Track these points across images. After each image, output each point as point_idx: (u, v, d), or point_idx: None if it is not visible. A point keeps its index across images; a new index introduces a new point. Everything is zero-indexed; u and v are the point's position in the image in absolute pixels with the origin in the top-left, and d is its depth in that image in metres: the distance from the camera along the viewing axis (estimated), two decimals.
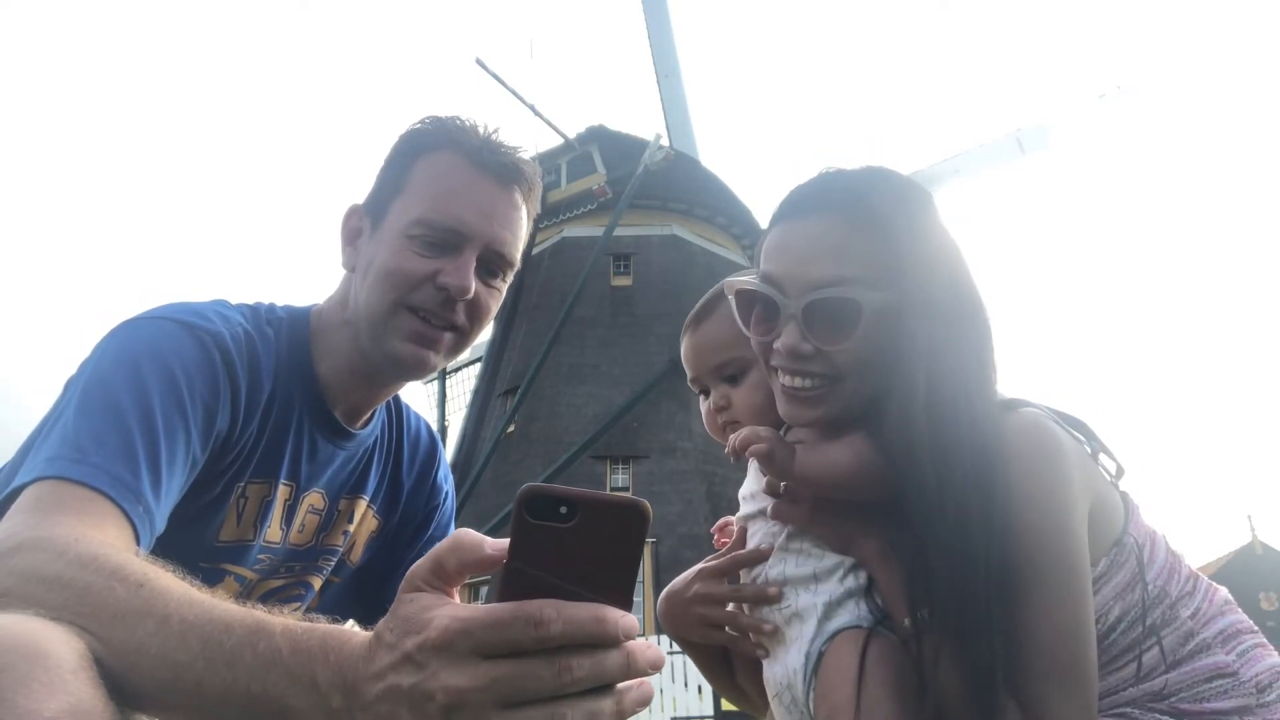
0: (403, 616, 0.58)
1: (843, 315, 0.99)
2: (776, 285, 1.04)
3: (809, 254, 1.02)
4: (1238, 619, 1.01)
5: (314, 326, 1.23)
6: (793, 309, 1.01)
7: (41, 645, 0.62)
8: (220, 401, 1.06)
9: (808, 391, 1.03)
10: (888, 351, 0.99)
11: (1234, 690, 0.94)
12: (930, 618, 0.93)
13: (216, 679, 0.63)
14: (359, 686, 0.58)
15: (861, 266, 1.00)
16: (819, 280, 1.00)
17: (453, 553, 0.59)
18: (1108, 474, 1.03)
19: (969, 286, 1.05)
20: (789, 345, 1.01)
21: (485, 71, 17.28)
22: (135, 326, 1.04)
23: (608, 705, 0.56)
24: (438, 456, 1.47)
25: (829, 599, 1.02)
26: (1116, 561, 0.98)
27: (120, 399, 0.95)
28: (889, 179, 1.08)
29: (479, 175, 1.16)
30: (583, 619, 0.54)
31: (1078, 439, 1.01)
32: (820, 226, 1.03)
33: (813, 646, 1.00)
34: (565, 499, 0.55)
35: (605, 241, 17.01)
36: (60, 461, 0.87)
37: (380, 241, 1.16)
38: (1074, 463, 0.96)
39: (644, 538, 0.56)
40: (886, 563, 1.00)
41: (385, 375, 1.23)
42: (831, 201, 1.04)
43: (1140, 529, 1.02)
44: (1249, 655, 0.97)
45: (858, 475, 1.00)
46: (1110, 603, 0.97)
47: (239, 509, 1.15)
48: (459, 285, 1.13)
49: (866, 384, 1.01)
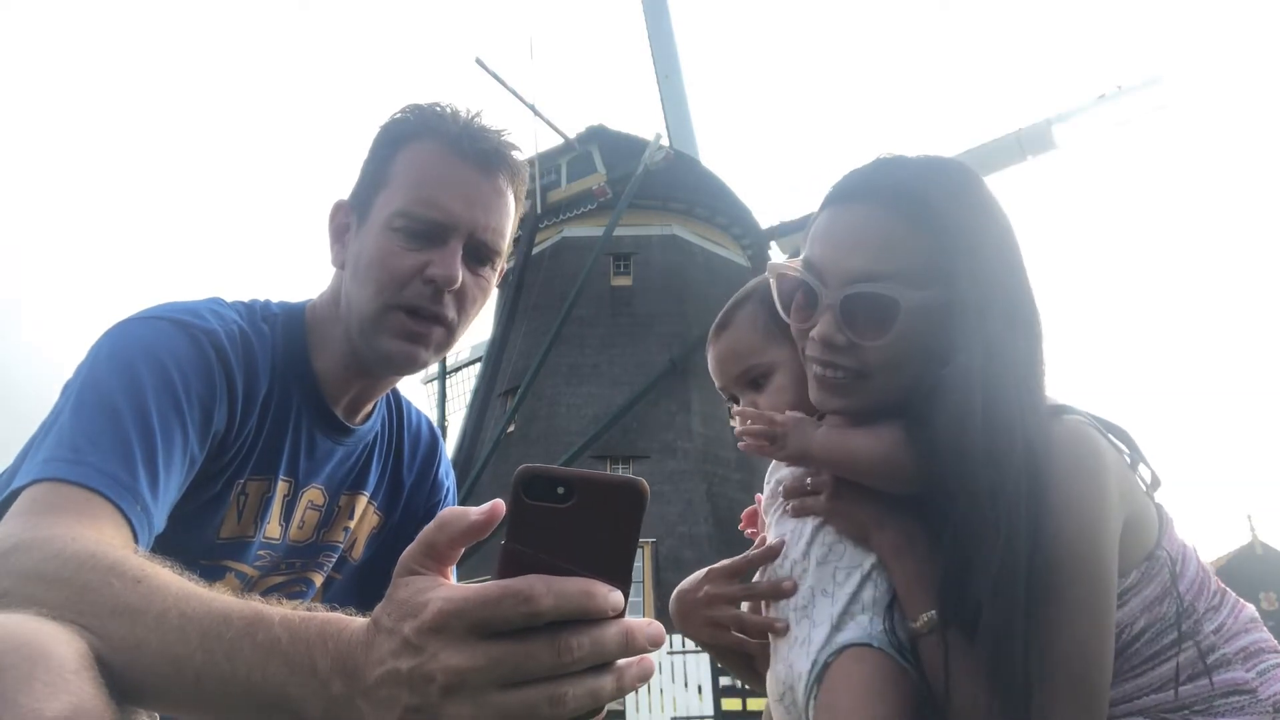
0: (399, 600, 0.58)
1: (880, 311, 0.96)
2: (817, 273, 1.02)
3: (852, 245, 1.00)
4: (1262, 637, 1.00)
5: (309, 322, 1.23)
6: (830, 299, 0.99)
7: (43, 645, 0.62)
8: (217, 399, 1.06)
9: (837, 380, 1.02)
10: (927, 351, 0.97)
11: (1250, 708, 0.93)
12: (946, 621, 0.92)
13: (216, 671, 0.63)
14: (358, 672, 0.58)
15: (906, 263, 0.97)
16: (859, 273, 0.98)
17: (440, 531, 0.59)
18: (1144, 485, 1.02)
19: (1025, 286, 1.01)
20: (823, 335, 1.00)
21: (485, 71, 17.28)
22: (130, 327, 1.04)
23: (608, 683, 0.56)
24: (439, 452, 1.47)
25: (844, 607, 1.00)
26: (1148, 574, 0.97)
27: (116, 399, 0.95)
28: (947, 172, 1.04)
29: (460, 162, 1.15)
30: (572, 593, 0.54)
31: (1119, 448, 1.00)
32: (867, 217, 1.01)
33: (820, 655, 0.99)
34: (562, 479, 0.55)
35: (605, 241, 17.00)
36: (56, 463, 0.87)
37: (366, 236, 1.16)
38: (1113, 475, 0.95)
39: (641, 517, 0.56)
40: (901, 558, 0.99)
41: (378, 372, 1.23)
42: (883, 191, 1.01)
43: (1173, 543, 1.01)
44: (1270, 675, 0.96)
45: (877, 464, 0.99)
46: (1137, 614, 0.96)
47: (239, 506, 1.15)
48: (445, 275, 1.12)
49: (896, 381, 1.00)
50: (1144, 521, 0.99)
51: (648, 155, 17.26)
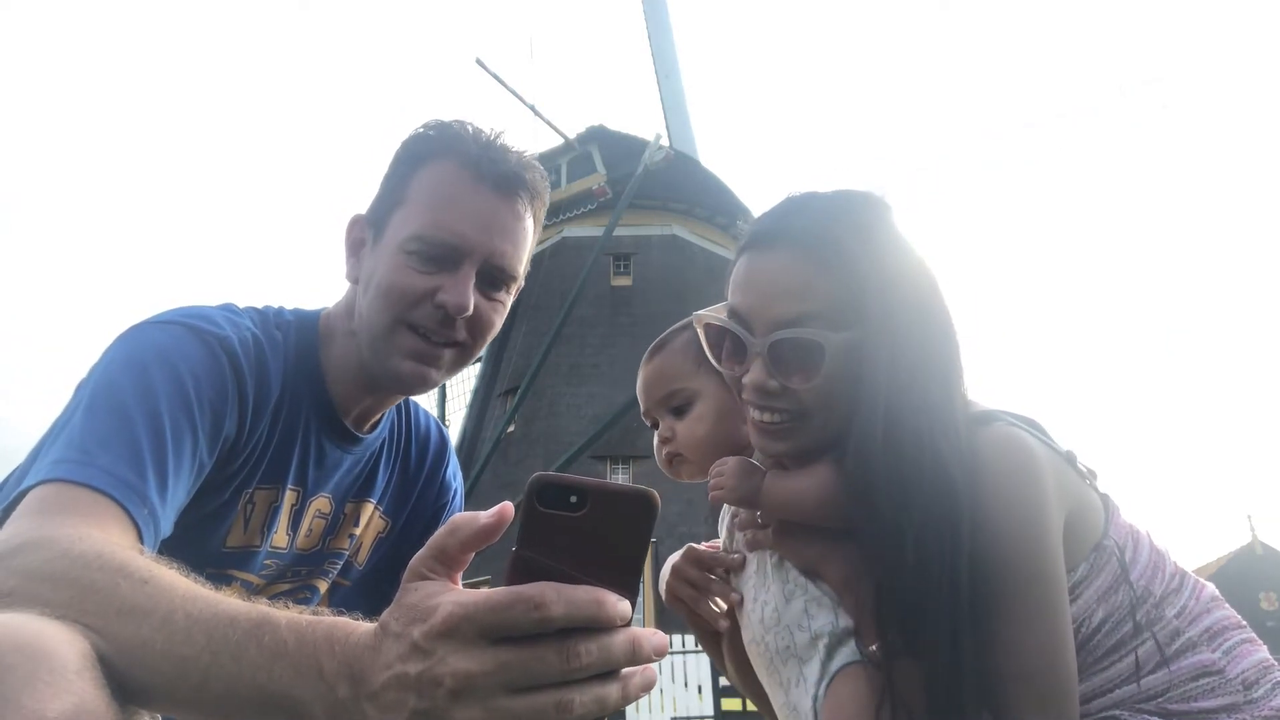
0: (408, 605, 0.58)
1: (807, 354, 0.99)
2: (743, 321, 1.04)
3: (772, 291, 1.02)
4: (1224, 615, 1.01)
5: (322, 331, 1.22)
6: (759, 347, 1.01)
7: (46, 645, 0.62)
8: (228, 406, 1.06)
9: (776, 426, 1.04)
10: (853, 387, 0.99)
11: (1221, 688, 0.94)
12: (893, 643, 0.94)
13: (222, 672, 0.63)
14: (365, 676, 0.58)
15: (824, 305, 1.00)
16: (783, 319, 1.00)
17: (451, 536, 0.60)
18: (1084, 476, 1.03)
19: (935, 309, 1.04)
20: (756, 382, 1.02)
21: (485, 71, 17.29)
22: (144, 331, 1.05)
23: (613, 690, 0.57)
24: (447, 455, 1.47)
25: (828, 641, 1.01)
26: (1096, 565, 0.98)
27: (127, 402, 0.95)
28: (851, 208, 1.06)
29: (478, 186, 1.14)
30: (583, 601, 0.55)
31: (1052, 446, 1.01)
32: (783, 262, 1.03)
33: (819, 690, 1.00)
34: (576, 488, 0.56)
35: (605, 241, 16.98)
36: (66, 464, 0.87)
37: (380, 255, 1.15)
38: (1048, 475, 0.96)
39: (652, 528, 0.56)
40: (850, 588, 1.01)
41: (388, 389, 1.23)
42: (794, 235, 1.03)
43: (1121, 530, 1.02)
44: (1235, 652, 0.97)
45: (822, 504, 1.02)
46: (1093, 606, 0.97)
47: (246, 515, 1.15)
48: (456, 303, 1.11)
49: (834, 418, 1.02)
50: (1087, 514, 1.00)
51: (647, 155, 17.25)
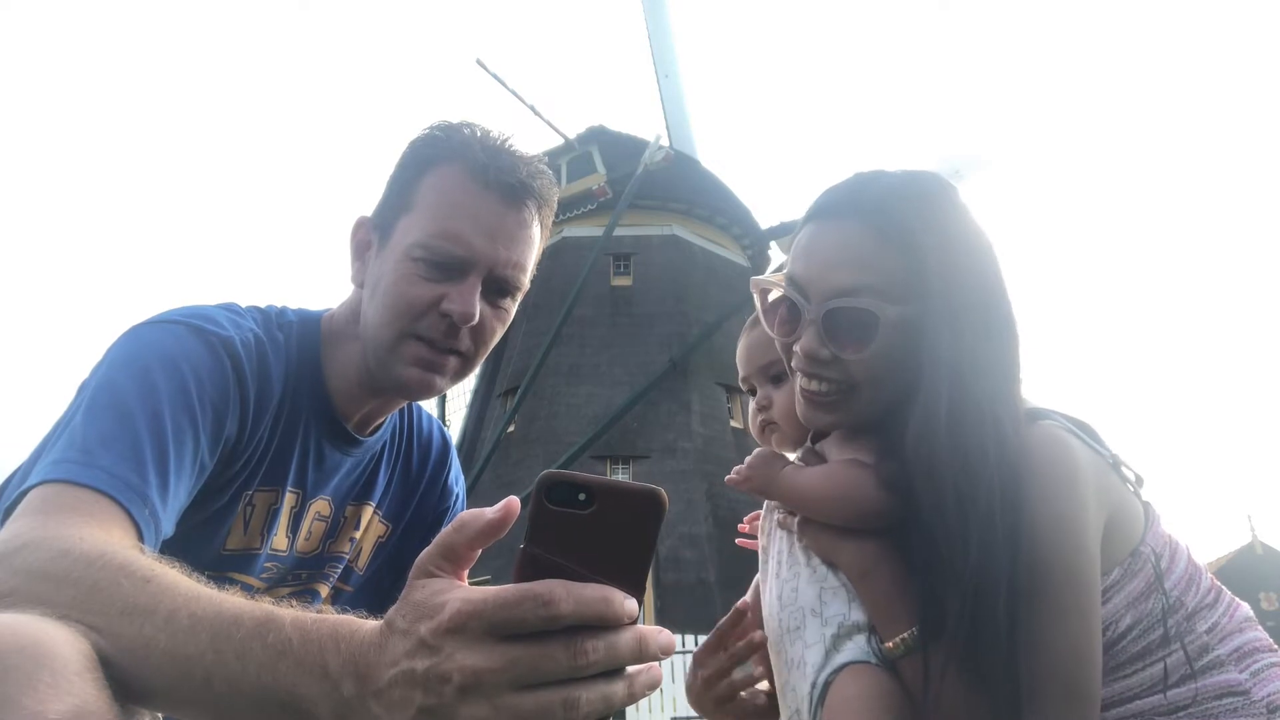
0: (415, 602, 0.58)
1: (860, 325, 0.99)
2: (800, 289, 1.04)
3: (832, 260, 1.02)
4: (1256, 636, 0.99)
5: (325, 333, 1.22)
6: (813, 314, 1.02)
7: (46, 646, 0.61)
8: (230, 406, 1.05)
9: (823, 396, 1.04)
10: (908, 364, 0.99)
11: (1244, 709, 0.93)
12: (920, 639, 0.93)
13: (226, 671, 0.62)
14: (371, 673, 0.58)
15: (883, 278, 0.99)
16: (839, 288, 1.00)
17: (458, 532, 0.59)
18: (1129, 483, 1.02)
19: (998, 296, 1.03)
20: (807, 349, 1.02)
21: (485, 72, 17.29)
22: (146, 330, 1.04)
23: (620, 688, 0.57)
24: (449, 458, 1.46)
25: (835, 629, 1.01)
26: (1130, 570, 0.97)
27: (129, 402, 0.95)
28: (922, 187, 1.06)
29: (484, 193, 1.13)
30: (591, 598, 0.55)
31: (1097, 450, 1.00)
32: (846, 233, 1.03)
33: (819, 676, 0.99)
34: (585, 486, 0.56)
35: (605, 241, 16.99)
36: (66, 465, 0.87)
37: (386, 261, 1.15)
38: (1090, 479, 0.95)
39: (659, 526, 0.57)
40: (868, 579, 1.00)
41: (392, 395, 1.22)
42: (861, 208, 1.03)
43: (1159, 539, 1.01)
44: (1264, 675, 0.96)
45: (824, 503, 1.02)
46: (1122, 611, 0.96)
47: (245, 517, 1.15)
48: (462, 312, 1.11)
49: (883, 394, 1.02)
50: (1127, 519, 0.99)
51: (647, 155, 17.26)
